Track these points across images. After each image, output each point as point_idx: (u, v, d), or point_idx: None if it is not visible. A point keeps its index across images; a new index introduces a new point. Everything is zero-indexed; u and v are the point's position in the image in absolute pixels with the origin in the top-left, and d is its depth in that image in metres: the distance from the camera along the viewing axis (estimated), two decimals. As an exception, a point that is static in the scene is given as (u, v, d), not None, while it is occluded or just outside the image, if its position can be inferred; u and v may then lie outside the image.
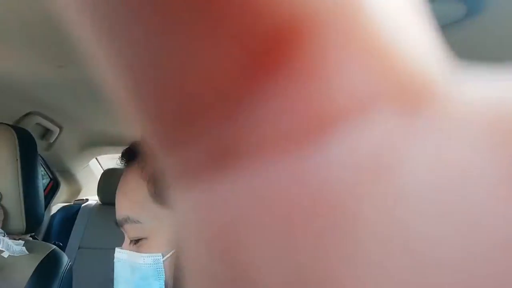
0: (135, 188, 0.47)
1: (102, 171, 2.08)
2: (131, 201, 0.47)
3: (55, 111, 1.61)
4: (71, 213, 1.98)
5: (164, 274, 0.45)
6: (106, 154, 2.24)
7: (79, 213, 1.99)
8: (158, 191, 0.45)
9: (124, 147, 2.07)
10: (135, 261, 0.46)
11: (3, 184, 1.02)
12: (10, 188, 1.03)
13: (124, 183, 0.49)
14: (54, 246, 1.10)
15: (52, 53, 1.06)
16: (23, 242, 1.06)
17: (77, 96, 1.49)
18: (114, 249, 1.80)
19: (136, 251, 0.47)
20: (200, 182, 0.07)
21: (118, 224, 0.50)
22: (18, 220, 1.05)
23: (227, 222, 0.07)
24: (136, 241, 0.47)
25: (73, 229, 1.92)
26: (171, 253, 0.45)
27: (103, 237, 1.92)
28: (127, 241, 0.49)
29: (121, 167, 1.85)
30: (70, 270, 1.09)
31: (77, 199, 2.15)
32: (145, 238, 0.46)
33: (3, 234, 1.01)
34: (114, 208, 1.91)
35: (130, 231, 0.47)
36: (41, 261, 1.02)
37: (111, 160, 2.45)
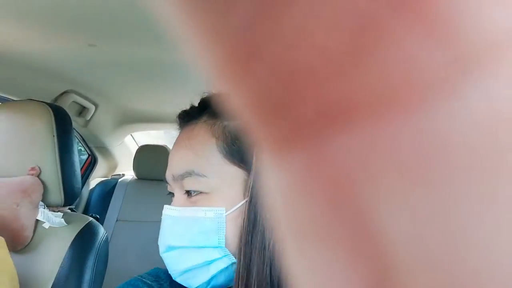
0: (204, 144, 0.47)
1: (137, 147, 2.14)
2: (198, 155, 0.47)
3: (90, 89, 1.67)
4: (108, 187, 2.07)
5: (225, 228, 0.45)
6: (140, 130, 2.31)
7: (116, 187, 2.07)
8: (228, 149, 0.46)
9: (158, 124, 2.11)
10: (194, 216, 0.46)
11: (42, 159, 1.07)
12: (48, 163, 1.08)
13: (191, 138, 0.48)
14: (91, 218, 1.16)
15: (84, 32, 1.08)
16: (62, 214, 1.12)
17: (111, 75, 1.53)
18: (149, 221, 1.85)
19: (192, 206, 0.47)
20: (309, 142, 0.07)
21: (174, 180, 0.48)
22: (56, 194, 1.10)
23: (348, 176, 0.07)
24: (192, 196, 0.47)
25: (111, 202, 2.01)
26: (236, 207, 0.45)
27: (139, 210, 2.00)
28: (179, 198, 0.49)
29: (154, 144, 1.87)
30: (106, 241, 1.14)
31: (114, 174, 2.24)
32: (206, 193, 0.46)
33: (43, 207, 1.08)
34: (149, 182, 1.97)
35: (191, 185, 0.46)
36: (79, 232, 1.08)
37: (146, 136, 2.52)
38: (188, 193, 0.47)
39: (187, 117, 0.52)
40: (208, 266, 0.46)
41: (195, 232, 0.46)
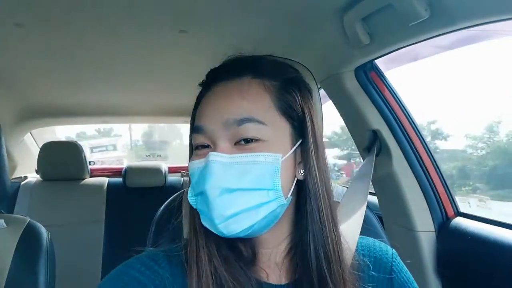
0: (259, 97, 0.51)
1: (40, 146, 1.92)
2: (256, 106, 0.50)
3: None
4: (10, 192, 1.82)
5: (280, 172, 0.49)
6: (43, 126, 2.07)
7: (19, 191, 1.84)
8: (279, 103, 0.51)
9: (65, 118, 1.92)
10: (254, 160, 0.48)
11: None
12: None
13: (241, 90, 0.51)
14: (29, 218, 1.03)
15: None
16: None
17: (13, 62, 1.35)
18: (61, 225, 1.69)
19: (248, 152, 0.49)
20: None
21: (226, 125, 0.49)
22: (-14, 193, 0.96)
23: None
24: (245, 143, 0.49)
25: (15, 208, 1.78)
26: (288, 154, 0.50)
27: (48, 214, 1.81)
28: (225, 146, 0.50)
29: (64, 140, 1.73)
30: (51, 241, 1.03)
31: (13, 177, 1.97)
32: (263, 141, 0.49)
33: (-27, 209, 0.93)
34: (57, 183, 1.81)
35: (252, 131, 0.49)
36: (22, 234, 0.96)
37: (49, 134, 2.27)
38: (243, 141, 0.49)
39: (230, 70, 0.54)
40: (261, 207, 0.49)
41: (254, 175, 0.48)
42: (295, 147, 0.52)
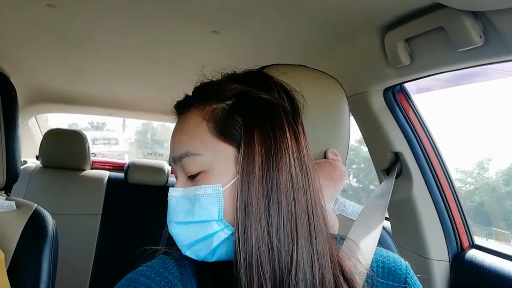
0: (195, 126, 0.51)
1: (44, 132, 1.88)
2: (191, 137, 0.51)
3: (3, 57, 1.42)
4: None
5: (223, 203, 0.49)
6: (51, 112, 2.03)
7: (17, 176, 1.79)
8: (217, 128, 0.50)
9: (73, 106, 1.87)
10: (195, 193, 0.50)
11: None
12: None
13: (184, 124, 0.53)
14: (36, 204, 1.00)
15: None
16: (4, 198, 0.95)
17: (29, 43, 1.32)
18: (59, 214, 1.65)
19: (193, 186, 0.50)
20: None
21: (174, 162, 0.53)
22: (-2, 174, 0.93)
23: None
24: (193, 177, 0.51)
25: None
26: (231, 183, 0.49)
27: (46, 203, 1.75)
28: (181, 180, 0.52)
29: (66, 128, 1.69)
30: (57, 230, 1.00)
31: (12, 160, 1.92)
32: (204, 171, 0.50)
33: (-19, 189, 0.90)
34: (57, 172, 1.75)
35: (190, 165, 0.50)
36: (28, 219, 0.93)
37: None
38: (192, 177, 0.51)
39: (181, 106, 0.56)
40: (211, 238, 0.50)
41: (197, 208, 0.49)
42: (239, 175, 0.48)
